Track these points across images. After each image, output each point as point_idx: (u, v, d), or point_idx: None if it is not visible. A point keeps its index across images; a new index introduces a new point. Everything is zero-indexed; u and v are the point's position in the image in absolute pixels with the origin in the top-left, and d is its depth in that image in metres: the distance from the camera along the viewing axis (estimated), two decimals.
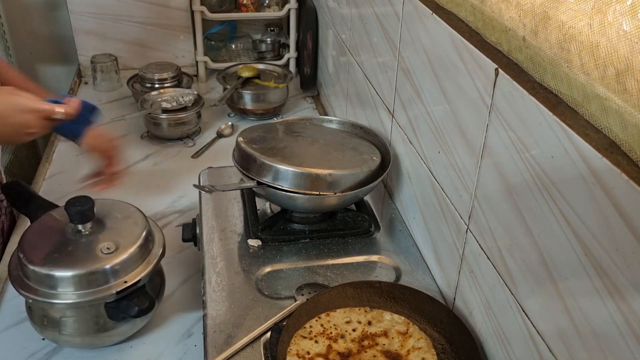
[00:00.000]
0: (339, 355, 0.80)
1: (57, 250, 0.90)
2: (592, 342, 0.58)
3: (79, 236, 0.92)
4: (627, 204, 0.51)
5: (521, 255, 0.70)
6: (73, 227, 0.93)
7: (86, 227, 0.92)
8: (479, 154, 0.79)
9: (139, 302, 0.89)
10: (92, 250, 0.90)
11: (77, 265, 0.87)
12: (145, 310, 0.90)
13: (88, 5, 1.88)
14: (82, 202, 0.91)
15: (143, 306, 0.90)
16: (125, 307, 0.89)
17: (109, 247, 0.90)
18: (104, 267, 0.88)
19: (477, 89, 0.78)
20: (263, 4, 1.97)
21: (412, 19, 1.00)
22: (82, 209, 0.91)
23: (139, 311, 0.89)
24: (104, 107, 1.84)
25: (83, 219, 0.92)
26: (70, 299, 0.87)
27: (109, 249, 0.90)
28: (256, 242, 1.03)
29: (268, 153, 1.01)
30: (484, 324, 0.81)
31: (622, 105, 0.54)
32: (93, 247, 0.90)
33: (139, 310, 0.89)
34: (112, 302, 0.89)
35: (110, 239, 0.92)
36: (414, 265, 1.00)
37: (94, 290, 0.87)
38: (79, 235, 0.92)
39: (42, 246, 0.91)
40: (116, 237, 0.92)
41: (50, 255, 0.89)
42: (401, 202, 1.14)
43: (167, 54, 2.00)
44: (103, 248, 0.90)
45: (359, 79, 1.38)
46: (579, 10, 0.59)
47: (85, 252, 0.90)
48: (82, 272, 0.87)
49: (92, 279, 0.87)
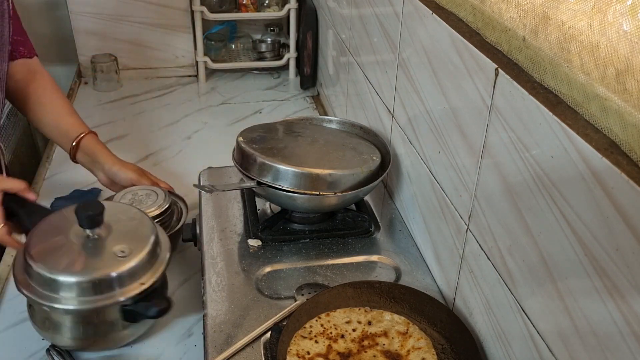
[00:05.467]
0: (339, 355, 0.80)
1: (69, 256, 0.89)
2: (592, 342, 0.58)
3: (88, 241, 0.91)
4: (627, 204, 0.51)
5: (521, 255, 0.70)
6: (81, 232, 0.91)
7: (94, 232, 0.92)
8: (479, 154, 0.79)
9: (157, 303, 0.89)
10: (106, 254, 0.89)
11: (94, 270, 0.87)
12: (164, 310, 0.90)
13: (88, 5, 1.88)
14: (93, 207, 0.90)
15: (162, 306, 0.89)
16: (144, 309, 0.89)
17: (123, 250, 0.89)
18: (121, 271, 0.87)
19: (477, 89, 0.78)
20: (263, 4, 1.97)
21: (412, 19, 1.00)
22: (92, 214, 0.90)
23: (159, 311, 0.89)
24: (104, 107, 1.85)
25: (93, 224, 0.91)
26: (87, 305, 0.86)
27: (123, 252, 0.89)
28: (256, 242, 1.03)
29: (268, 153, 1.01)
30: (484, 324, 0.81)
31: (622, 105, 0.54)
32: (106, 251, 0.90)
33: (159, 311, 0.89)
34: (130, 305, 0.89)
35: (121, 242, 0.91)
36: (414, 265, 1.00)
37: (111, 294, 0.87)
38: (88, 240, 0.91)
39: (53, 251, 0.90)
40: (127, 240, 0.92)
41: (63, 260, 0.88)
42: (401, 202, 1.14)
43: (167, 54, 2.01)
44: (117, 251, 0.89)
45: (359, 79, 1.38)
46: (579, 10, 0.59)
47: (100, 257, 0.90)
48: (101, 276, 0.86)
49: (110, 282, 0.87)
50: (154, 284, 0.90)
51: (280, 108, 1.87)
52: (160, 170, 1.50)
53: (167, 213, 1.14)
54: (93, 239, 0.91)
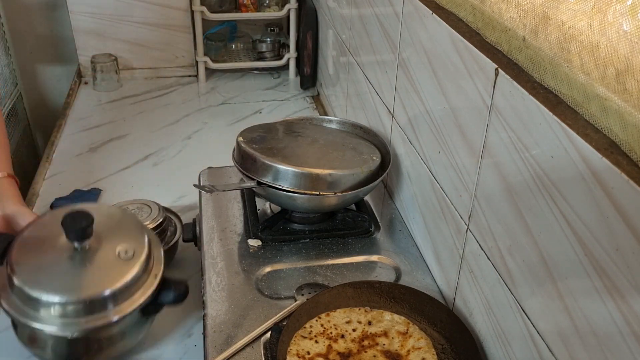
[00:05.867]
0: (339, 355, 0.80)
1: (56, 271, 0.84)
2: (592, 342, 0.58)
3: (76, 253, 0.85)
4: (627, 204, 0.51)
5: (521, 255, 0.70)
6: (68, 244, 0.85)
7: (83, 244, 0.85)
8: (479, 154, 0.79)
9: (175, 288, 0.88)
10: (96, 269, 0.84)
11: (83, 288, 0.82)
12: (183, 294, 0.88)
13: (88, 5, 1.88)
14: (81, 218, 0.84)
15: (181, 290, 0.88)
16: (163, 296, 0.87)
17: (127, 250, 0.86)
18: (134, 273, 0.84)
19: (477, 89, 0.78)
20: (263, 4, 1.97)
21: (412, 19, 1.00)
22: (81, 226, 0.83)
23: (178, 295, 0.88)
24: (104, 107, 1.85)
25: (82, 236, 0.84)
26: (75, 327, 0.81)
27: (127, 253, 0.86)
28: (256, 242, 1.03)
29: (268, 153, 1.01)
30: (484, 324, 0.81)
31: (622, 105, 0.54)
32: (96, 265, 0.85)
33: (178, 295, 0.88)
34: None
35: (120, 245, 0.86)
36: (414, 265, 1.00)
37: (131, 300, 0.83)
38: (76, 252, 0.85)
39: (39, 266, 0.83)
40: (124, 241, 0.87)
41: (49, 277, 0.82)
42: (401, 202, 1.14)
43: (167, 54, 2.01)
44: (121, 253, 0.86)
45: (359, 79, 1.38)
46: (579, 10, 0.59)
47: (90, 272, 0.84)
48: (91, 295, 0.81)
49: (103, 301, 0.82)
50: (146, 300, 0.86)
51: (280, 108, 1.87)
52: (160, 170, 1.51)
53: (161, 227, 1.09)
54: (81, 251, 0.85)
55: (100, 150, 1.60)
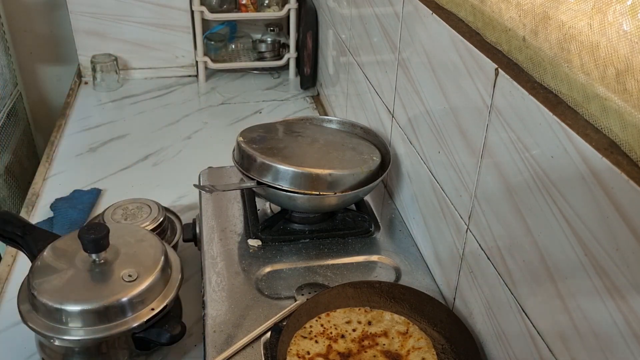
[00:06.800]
0: (339, 355, 0.80)
1: (75, 284, 0.85)
2: (592, 342, 0.58)
3: (93, 266, 0.87)
4: (627, 204, 0.51)
5: (521, 255, 0.70)
6: (86, 257, 0.87)
7: (100, 256, 0.87)
8: (479, 154, 0.79)
9: (170, 328, 0.84)
10: (112, 280, 0.85)
11: (99, 298, 0.83)
12: (177, 335, 0.85)
13: (88, 5, 1.88)
14: (97, 230, 0.86)
15: (175, 332, 0.84)
16: (156, 335, 0.84)
17: (130, 274, 0.86)
18: (128, 296, 0.83)
19: (477, 89, 0.78)
20: (263, 4, 1.97)
21: (412, 19, 1.00)
22: (96, 237, 0.85)
23: (171, 337, 0.84)
24: (104, 107, 1.85)
25: (98, 248, 0.86)
26: (97, 334, 0.82)
27: (130, 277, 0.85)
28: (256, 242, 1.03)
29: (268, 153, 1.01)
30: (484, 324, 0.81)
31: (622, 105, 0.54)
32: (112, 276, 0.86)
33: (171, 337, 0.84)
34: (140, 332, 0.85)
35: (129, 266, 0.87)
36: (414, 265, 1.00)
37: (122, 322, 0.83)
38: (93, 265, 0.87)
39: (58, 280, 0.85)
40: (134, 263, 0.88)
41: (68, 289, 0.84)
42: (401, 202, 1.14)
43: (167, 54, 2.01)
44: (124, 276, 0.85)
45: (359, 79, 1.38)
46: (579, 10, 0.59)
47: (107, 282, 0.85)
48: (108, 304, 0.82)
49: (118, 310, 0.83)
50: (164, 308, 0.86)
51: (280, 108, 1.87)
52: (160, 170, 1.51)
53: (161, 227, 1.09)
54: (99, 263, 0.87)
55: (100, 150, 1.60)
